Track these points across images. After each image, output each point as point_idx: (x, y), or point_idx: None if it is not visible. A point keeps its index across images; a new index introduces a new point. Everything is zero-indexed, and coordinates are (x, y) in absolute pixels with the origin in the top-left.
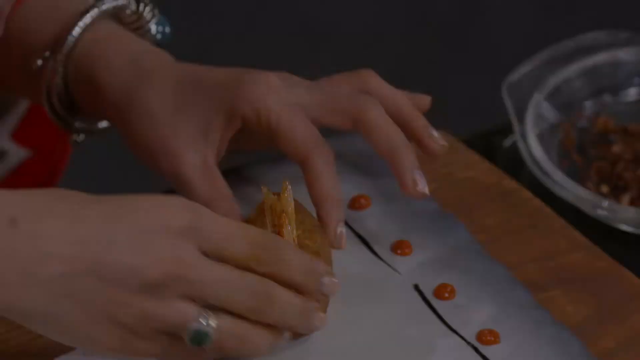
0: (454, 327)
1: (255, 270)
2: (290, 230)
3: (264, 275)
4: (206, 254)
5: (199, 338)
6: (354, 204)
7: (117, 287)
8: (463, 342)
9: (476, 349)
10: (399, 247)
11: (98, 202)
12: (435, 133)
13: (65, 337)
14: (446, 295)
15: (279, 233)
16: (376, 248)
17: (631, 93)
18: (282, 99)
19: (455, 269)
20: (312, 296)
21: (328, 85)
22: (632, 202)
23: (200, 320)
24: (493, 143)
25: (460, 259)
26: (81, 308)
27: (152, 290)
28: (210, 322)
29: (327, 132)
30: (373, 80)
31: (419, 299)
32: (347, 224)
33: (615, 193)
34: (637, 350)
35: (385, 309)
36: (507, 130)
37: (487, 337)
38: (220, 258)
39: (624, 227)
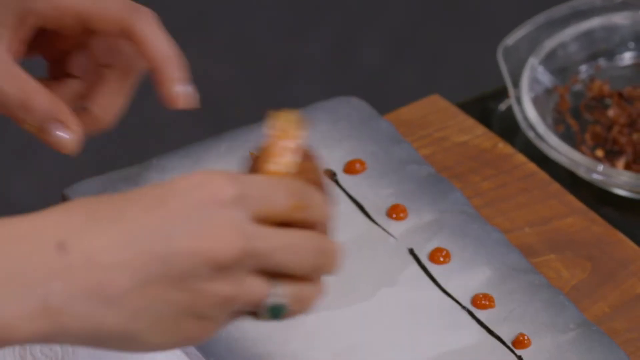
0: (448, 291)
1: (297, 219)
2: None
3: (305, 223)
4: (257, 218)
5: (276, 311)
6: (349, 169)
7: (192, 280)
8: (458, 306)
9: (471, 313)
10: (394, 212)
11: (130, 198)
12: (181, 90)
13: (148, 347)
14: (441, 259)
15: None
16: (371, 212)
17: (626, 57)
18: None
19: (450, 233)
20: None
21: None
22: (627, 166)
23: (273, 292)
24: (488, 107)
25: (455, 223)
26: (160, 313)
27: (224, 273)
28: (281, 292)
29: (320, 95)
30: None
31: (414, 263)
32: (342, 189)
33: (610, 157)
34: (632, 315)
35: (380, 273)
36: (502, 94)
37: (481, 301)
38: (268, 217)
39: (619, 191)
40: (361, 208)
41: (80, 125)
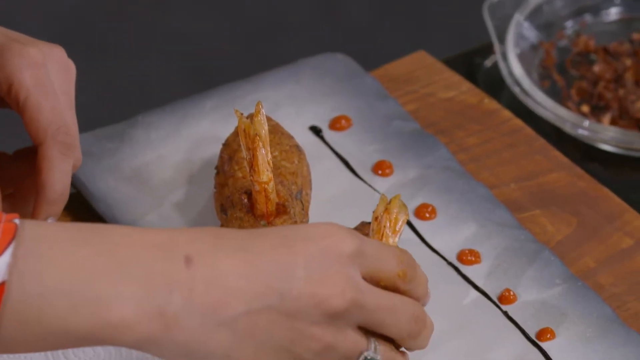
0: (434, 247)
1: (399, 287)
2: (264, 154)
3: (405, 292)
4: (366, 276)
5: None
6: (335, 125)
7: (301, 320)
8: (444, 262)
9: (457, 269)
10: (379, 168)
11: (258, 234)
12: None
13: None
14: (427, 215)
15: (253, 156)
16: (357, 169)
17: (612, 13)
18: (39, 76)
19: (436, 189)
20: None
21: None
22: (613, 122)
23: (371, 349)
24: (474, 63)
25: (441, 179)
26: (262, 345)
27: (333, 321)
28: (378, 351)
29: (306, 51)
30: None
31: None
32: (327, 145)
33: (596, 113)
34: (617, 270)
35: None
36: (488, 50)
37: (467, 257)
38: (376, 278)
39: (605, 147)
40: (347, 164)
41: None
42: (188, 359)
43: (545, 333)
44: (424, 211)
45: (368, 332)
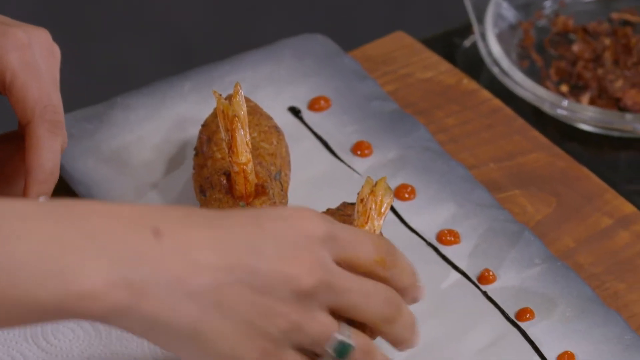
0: (414, 227)
1: (378, 274)
2: (243, 135)
3: (384, 279)
4: (338, 263)
5: (342, 350)
6: (314, 105)
7: (269, 295)
8: (423, 242)
9: (436, 249)
10: (358, 148)
11: (227, 214)
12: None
13: (204, 354)
14: (406, 195)
15: (232, 137)
16: (336, 149)
17: None
18: (24, 57)
19: (415, 169)
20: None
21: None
22: (592, 102)
23: (343, 334)
24: (453, 44)
25: (420, 159)
26: (230, 319)
27: (302, 300)
28: (349, 334)
29: (285, 32)
30: None
31: None
32: (306, 125)
33: (575, 92)
34: (597, 249)
35: None
36: (466, 30)
37: (446, 237)
38: (351, 264)
39: (584, 127)
40: (326, 145)
41: None
42: (155, 332)
43: (524, 313)
44: (403, 192)
45: (341, 318)
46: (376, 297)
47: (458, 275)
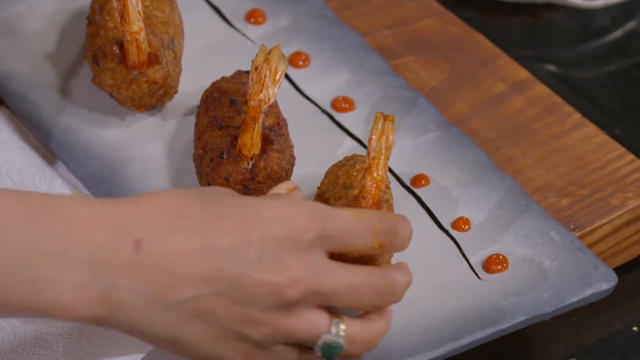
0: (308, 95)
1: (377, 256)
2: (135, 3)
3: (382, 255)
4: (332, 253)
5: (330, 351)
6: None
7: (251, 306)
8: (318, 109)
9: (331, 117)
10: (252, 16)
11: (217, 215)
12: None
13: (186, 355)
14: (300, 63)
15: (124, 6)
16: (229, 17)
17: None
18: None
19: (309, 36)
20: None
21: None
22: None
23: (332, 332)
24: None
25: (314, 26)
26: (210, 326)
27: (287, 308)
28: (341, 330)
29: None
30: None
31: None
32: None
33: None
34: (491, 115)
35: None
36: None
37: (341, 104)
38: (345, 252)
39: None
40: (219, 12)
41: None
42: (136, 336)
43: (419, 179)
44: (297, 59)
45: (331, 311)
46: (367, 291)
47: (353, 143)
